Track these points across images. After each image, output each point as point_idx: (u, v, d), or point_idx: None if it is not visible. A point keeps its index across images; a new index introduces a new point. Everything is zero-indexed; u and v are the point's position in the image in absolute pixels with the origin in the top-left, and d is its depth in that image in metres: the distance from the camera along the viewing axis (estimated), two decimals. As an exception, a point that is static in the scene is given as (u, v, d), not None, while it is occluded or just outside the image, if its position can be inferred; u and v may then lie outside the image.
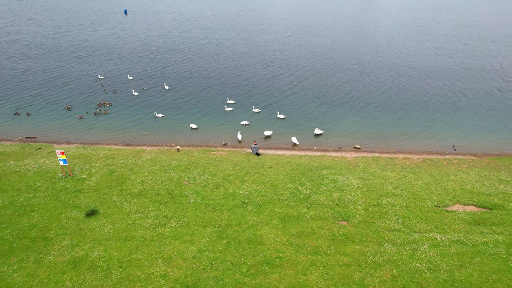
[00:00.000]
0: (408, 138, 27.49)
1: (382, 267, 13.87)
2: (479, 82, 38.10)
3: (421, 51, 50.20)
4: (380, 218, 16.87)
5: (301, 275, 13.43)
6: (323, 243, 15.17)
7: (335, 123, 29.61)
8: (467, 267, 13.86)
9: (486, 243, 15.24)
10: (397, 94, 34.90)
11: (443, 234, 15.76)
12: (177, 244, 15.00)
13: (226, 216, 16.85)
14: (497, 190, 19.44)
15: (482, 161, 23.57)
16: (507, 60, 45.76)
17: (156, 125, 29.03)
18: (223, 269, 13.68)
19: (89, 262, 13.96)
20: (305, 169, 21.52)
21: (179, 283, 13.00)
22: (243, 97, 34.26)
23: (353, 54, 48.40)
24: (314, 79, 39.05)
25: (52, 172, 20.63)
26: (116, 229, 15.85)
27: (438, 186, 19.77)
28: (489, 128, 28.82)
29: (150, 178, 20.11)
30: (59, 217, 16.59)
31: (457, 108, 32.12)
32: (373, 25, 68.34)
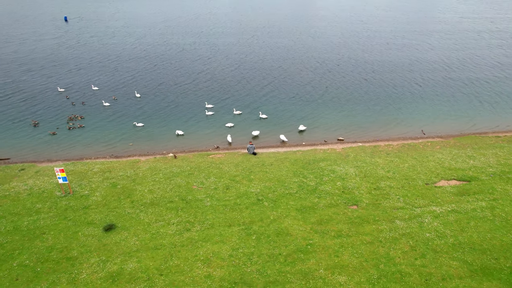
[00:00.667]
0: (382, 127, 30.29)
1: (400, 240, 15.70)
2: (428, 73, 42.83)
3: (373, 46, 54.70)
4: (384, 199, 18.83)
5: (334, 257, 14.73)
6: (343, 226, 16.65)
7: (315, 118, 31.53)
8: (467, 231, 16.24)
9: (474, 209, 17.87)
10: (364, 88, 37.98)
11: (439, 207, 18.13)
12: (209, 245, 15.45)
13: (246, 214, 17.59)
14: (469, 165, 22.59)
15: (449, 141, 26.99)
16: (445, 53, 51.80)
17: (140, 135, 28.53)
18: (262, 262, 14.48)
19: (126, 275, 13.87)
20: (303, 163, 22.94)
21: (226, 281, 13.55)
22: (220, 101, 34.84)
23: (313, 53, 51.21)
24: (284, 78, 40.85)
25: (48, 192, 19.59)
26: (141, 240, 15.80)
27: (422, 167, 22.41)
28: (446, 112, 32.79)
29: (157, 186, 20.05)
30: (76, 236, 16.05)
31: (416, 96, 35.95)
32: (322, 24, 72.48)
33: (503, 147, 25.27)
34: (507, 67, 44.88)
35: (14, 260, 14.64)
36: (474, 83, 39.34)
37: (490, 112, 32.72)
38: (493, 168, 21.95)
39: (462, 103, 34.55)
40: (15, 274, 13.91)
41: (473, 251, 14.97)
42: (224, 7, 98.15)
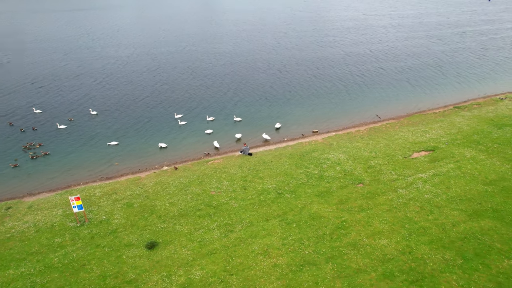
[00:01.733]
0: (344, 115, 34.35)
1: (409, 204, 19.10)
2: (362, 65, 49.14)
3: (306, 45, 59.92)
4: (380, 175, 22.24)
5: (368, 227, 17.36)
6: (361, 202, 19.44)
7: (284, 115, 34.10)
8: (451, 188, 20.47)
9: (448, 171, 22.40)
10: (316, 84, 42.01)
11: (423, 173, 22.24)
12: (259, 240, 16.70)
13: (276, 207, 19.18)
14: (427, 138, 27.64)
15: (402, 121, 32.19)
16: (368, 46, 59.63)
17: (121, 153, 27.50)
18: (313, 244, 16.34)
19: (198, 282, 14.39)
20: (299, 156, 25.28)
21: (293, 265, 15.08)
22: (189, 110, 35.13)
23: (254, 55, 54.02)
24: (241, 82, 42.67)
25: (58, 224, 18.29)
26: (192, 249, 16.25)
27: (394, 144, 26.67)
28: (390, 97, 38.56)
29: (176, 198, 20.26)
30: (122, 259, 15.72)
31: (361, 86, 41.26)
32: (249, 28, 76.09)
33: (442, 121, 31.25)
34: (418, 55, 53.97)
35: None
36: (402, 71, 46.66)
37: (421, 93, 39.53)
38: (445, 138, 27.30)
39: (399, 88, 40.93)
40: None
41: (462, 201, 19.11)
42: (134, 18, 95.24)
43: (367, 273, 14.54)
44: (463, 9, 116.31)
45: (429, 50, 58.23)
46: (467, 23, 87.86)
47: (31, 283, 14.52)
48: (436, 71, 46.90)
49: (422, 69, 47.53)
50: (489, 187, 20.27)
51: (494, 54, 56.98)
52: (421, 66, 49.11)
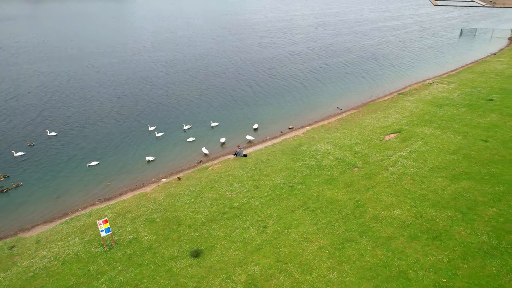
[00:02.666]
0: (310, 110, 37.40)
1: (402, 178, 22.48)
2: (308, 62, 53.28)
3: (249, 47, 62.37)
4: (367, 158, 25.45)
5: (379, 202, 20.15)
6: (364, 183, 22.24)
7: (257, 115, 35.82)
8: (428, 160, 24.51)
9: (419, 147, 26.58)
10: (274, 84, 44.49)
11: (401, 152, 26.07)
12: (295, 230, 18.28)
13: (294, 199, 20.91)
14: (390, 122, 32.00)
15: (362, 110, 36.42)
16: (310, 45, 64.43)
17: (107, 172, 26.32)
18: (343, 223, 18.49)
19: (259, 276, 15.43)
20: (291, 151, 27.32)
21: (336, 244, 17.00)
22: (162, 121, 34.69)
23: (205, 61, 54.66)
24: (203, 87, 43.12)
25: (83, 253, 17.43)
26: (238, 249, 17.13)
27: (366, 130, 30.38)
28: (343, 89, 42.91)
29: (197, 206, 20.67)
30: (173, 272, 15.91)
31: (315, 82, 45.02)
32: (185, 33, 76.00)
33: (395, 106, 36.26)
34: (352, 51, 60.37)
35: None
36: (344, 65, 51.89)
37: (367, 84, 44.77)
38: (403, 120, 31.95)
39: (348, 81, 45.68)
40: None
41: (440, 170, 23.17)
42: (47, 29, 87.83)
43: (396, 239, 17.19)
44: (370, 7, 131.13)
45: (359, 45, 65.34)
46: (378, 19, 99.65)
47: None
48: (373, 64, 53.24)
49: (361, 63, 53.50)
50: (454, 156, 24.80)
51: (410, 45, 66.45)
52: (359, 60, 55.19)
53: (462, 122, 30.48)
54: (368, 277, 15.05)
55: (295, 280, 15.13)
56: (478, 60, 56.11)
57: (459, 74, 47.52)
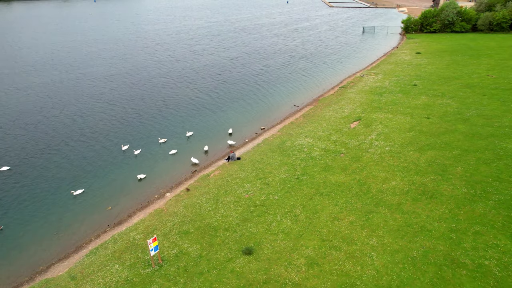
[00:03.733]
0: (272, 110, 40.22)
1: (383, 156, 26.77)
2: (248, 66, 56.20)
3: (184, 55, 62.66)
4: (346, 144, 29.34)
5: (376, 178, 23.89)
6: (356, 165, 25.87)
7: (227, 120, 37.24)
8: (395, 139, 29.43)
9: (382, 130, 31.51)
10: (228, 89, 46.16)
11: (370, 135, 30.61)
12: (322, 213, 20.73)
13: (306, 189, 23.37)
14: (347, 112, 36.76)
15: (318, 105, 40.75)
16: (241, 49, 67.35)
17: (100, 197, 25.01)
18: (358, 200, 21.62)
19: (319, 255, 17.52)
20: (278, 149, 29.66)
21: (362, 218, 19.98)
22: (132, 138, 33.64)
23: (146, 72, 53.38)
24: (159, 100, 42.49)
25: (133, 276, 17.12)
26: (283, 239, 18.86)
27: (332, 122, 34.46)
28: (292, 88, 46.87)
29: (222, 211, 21.60)
30: (238, 271, 16.92)
31: (263, 83, 48.08)
32: (109, 47, 72.24)
33: (344, 99, 41.46)
34: (282, 52, 65.44)
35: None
36: (282, 67, 56.24)
37: (310, 81, 49.67)
38: (357, 109, 37.08)
39: (293, 80, 49.93)
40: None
41: (407, 145, 28.20)
42: None
43: (404, 203, 21.01)
44: (276, 10, 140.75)
45: (286, 47, 70.95)
46: (291, 22, 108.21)
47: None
48: (306, 62, 58.80)
49: (295, 62, 58.61)
50: (411, 133, 30.29)
51: (329, 43, 74.64)
52: (292, 60, 60.30)
53: (404, 105, 36.84)
54: (400, 236, 18.39)
55: (346, 251, 17.64)
56: (387, 53, 66.33)
57: (379, 66, 55.87)
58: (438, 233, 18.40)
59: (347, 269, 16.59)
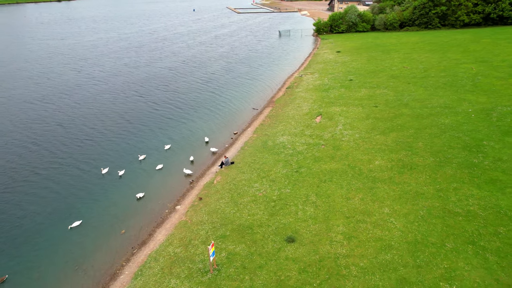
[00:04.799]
0: (236, 115, 42.13)
1: (358, 142, 31.14)
2: (192, 74, 56.83)
3: (115, 69, 60.03)
4: (321, 137, 33.09)
5: (361, 160, 27.94)
6: (339, 153, 29.67)
7: (198, 130, 37.93)
8: (359, 127, 34.22)
9: (344, 120, 36.11)
10: (183, 98, 46.38)
11: (337, 126, 34.95)
12: (334, 196, 23.75)
13: (310, 179, 26.18)
14: (307, 108, 40.82)
15: (276, 105, 44.01)
16: (177, 58, 66.97)
17: (107, 223, 24.01)
18: (357, 181, 25.26)
19: (350, 229, 20.47)
20: (264, 149, 31.86)
21: (368, 194, 23.65)
22: (106, 159, 32.13)
23: (92, 88, 49.91)
24: (120, 116, 40.67)
25: (196, 286, 17.73)
26: (315, 224, 21.31)
27: (297, 119, 38.02)
28: (243, 92, 49.28)
29: (246, 211, 23.02)
30: (293, 258, 18.86)
31: (215, 92, 49.55)
32: (37, 66, 64.80)
33: (297, 98, 45.59)
34: (218, 59, 67.41)
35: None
36: (226, 72, 58.26)
37: (257, 83, 52.79)
38: (314, 106, 41.50)
39: (243, 86, 52.40)
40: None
41: (372, 130, 33.19)
42: None
43: (394, 177, 25.33)
44: (187, 18, 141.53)
45: (218, 53, 73.14)
46: (209, 29, 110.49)
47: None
48: (246, 67, 61.89)
49: (236, 68, 61.24)
50: (369, 120, 35.61)
51: (256, 48, 79.12)
52: (231, 65, 62.80)
53: (351, 98, 42.53)
54: (404, 202, 22.52)
55: (370, 222, 20.99)
56: (311, 54, 73.55)
57: (311, 66, 62.04)
58: (429, 194, 23.07)
59: (379, 235, 19.92)
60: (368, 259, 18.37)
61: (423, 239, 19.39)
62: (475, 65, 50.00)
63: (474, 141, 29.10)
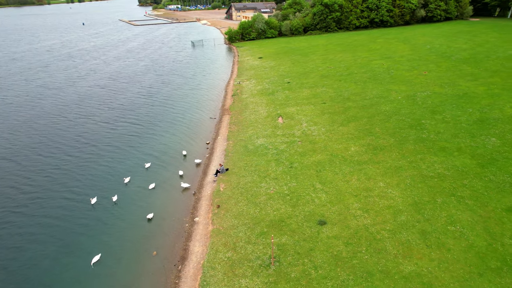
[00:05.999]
0: (200, 126, 43.09)
1: (328, 135, 35.88)
2: (132, 88, 54.83)
3: (35, 91, 54.02)
4: (293, 135, 36.87)
5: (338, 149, 32.68)
6: (317, 146, 33.78)
7: (171, 144, 37.85)
8: (321, 122, 39.17)
9: (304, 118, 40.72)
10: (142, 114, 44.96)
11: (302, 124, 39.23)
12: (334, 180, 27.64)
13: (307, 171, 29.56)
14: (264, 112, 44.20)
15: (233, 113, 46.28)
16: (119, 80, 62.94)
17: (132, 249, 23.38)
18: (345, 166, 29.67)
19: (364, 203, 24.56)
20: (249, 152, 34.07)
21: (362, 175, 28.26)
22: (88, 188, 30.13)
23: (26, 112, 44.06)
24: (70, 143, 37.49)
25: (268, 278, 19.48)
26: (334, 205, 24.85)
27: (262, 122, 41.16)
28: (194, 103, 50.08)
29: (268, 207, 25.22)
30: (334, 236, 22.05)
31: (168, 102, 49.23)
32: None
33: (248, 103, 48.60)
34: (148, 72, 65.99)
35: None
36: (167, 84, 57.71)
37: (202, 93, 54.07)
38: (270, 108, 45.20)
39: (185, 95, 52.98)
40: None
41: (333, 123, 38.44)
42: None
43: (372, 158, 30.58)
44: (86, 33, 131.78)
45: (144, 67, 71.21)
46: (116, 44, 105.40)
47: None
48: (183, 78, 62.22)
49: (171, 80, 61.22)
50: (326, 115, 40.92)
51: (179, 59, 79.35)
52: (165, 78, 62.46)
53: (298, 98, 47.56)
54: (391, 175, 27.69)
55: (375, 196, 25.48)
56: (235, 62, 77.34)
57: (243, 73, 65.75)
58: (405, 166, 28.87)
59: (388, 204, 24.52)
60: (390, 223, 22.71)
61: (419, 200, 24.67)
62: (383, 61, 60.69)
63: (415, 121, 36.64)
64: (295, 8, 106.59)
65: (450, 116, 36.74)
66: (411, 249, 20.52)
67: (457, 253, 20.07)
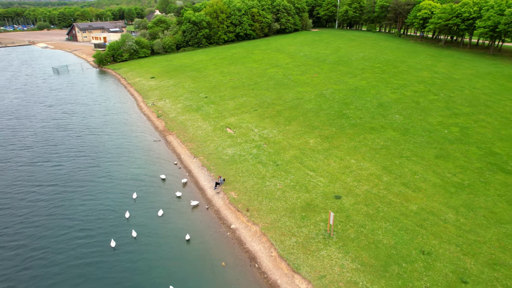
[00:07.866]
0: (151, 150, 42.72)
1: (283, 134, 42.47)
2: (55, 130, 47.82)
3: None
4: (253, 140, 41.88)
5: (303, 142, 39.87)
6: (282, 144, 39.97)
7: (144, 172, 36.95)
8: (265, 122, 45.41)
9: (250, 124, 46.15)
10: (86, 150, 40.65)
11: (252, 129, 44.58)
12: (323, 167, 34.60)
13: (294, 164, 35.42)
14: (208, 126, 47.22)
15: (175, 132, 47.34)
16: None
17: (203, 273, 24.43)
18: (319, 155, 37.12)
19: (366, 181, 32.34)
20: (228, 163, 37.27)
21: (349, 163, 36.17)
22: (99, 232, 27.85)
23: None
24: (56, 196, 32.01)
25: (337, 243, 24.70)
26: (336, 184, 31.69)
27: (216, 135, 44.30)
28: (134, 129, 48.24)
29: (289, 198, 30.01)
30: (355, 207, 28.89)
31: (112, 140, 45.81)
32: None
33: (185, 120, 50.28)
34: (44, 108, 57.83)
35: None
36: (72, 114, 52.36)
37: (128, 118, 52.18)
38: (211, 122, 48.56)
39: (112, 121, 50.23)
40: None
41: (278, 124, 45.34)
42: None
43: (334, 144, 39.00)
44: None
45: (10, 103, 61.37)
46: None
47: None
48: (84, 107, 57.28)
49: (91, 114, 55.73)
50: (267, 119, 47.34)
51: (55, 86, 71.09)
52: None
53: (228, 109, 52.22)
54: (354, 152, 36.59)
55: (356, 168, 33.70)
56: (125, 84, 74.71)
57: (148, 93, 65.14)
58: (359, 145, 38.22)
59: (368, 172, 32.95)
60: (380, 184, 31.17)
61: (385, 164, 34.18)
62: (276, 69, 71.20)
63: (338, 112, 47.19)
64: (161, 26, 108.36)
65: (359, 104, 48.98)
66: (407, 196, 29.38)
67: (430, 189, 30.00)
